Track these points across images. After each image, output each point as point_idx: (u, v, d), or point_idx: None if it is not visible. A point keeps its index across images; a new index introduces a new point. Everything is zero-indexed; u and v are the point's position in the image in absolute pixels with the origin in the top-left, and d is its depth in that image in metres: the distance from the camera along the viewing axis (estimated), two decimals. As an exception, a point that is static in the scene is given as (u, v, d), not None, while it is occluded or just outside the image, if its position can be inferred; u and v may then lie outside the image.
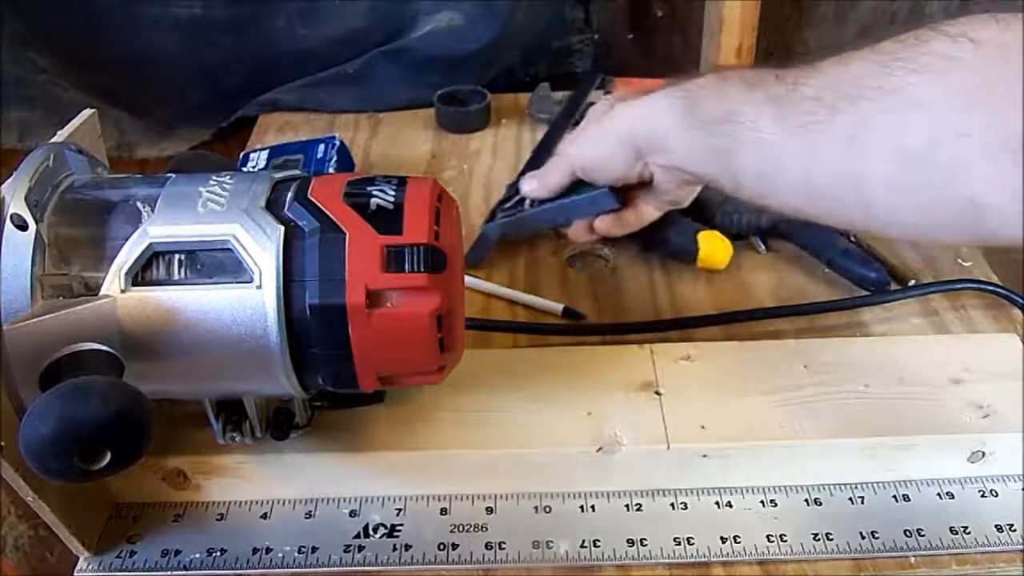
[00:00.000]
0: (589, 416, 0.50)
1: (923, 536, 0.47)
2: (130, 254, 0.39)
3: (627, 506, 0.49)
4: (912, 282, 0.64)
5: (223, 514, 0.50)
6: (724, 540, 0.47)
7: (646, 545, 0.47)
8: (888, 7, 1.04)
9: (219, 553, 0.48)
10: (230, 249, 0.39)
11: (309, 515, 0.49)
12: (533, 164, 0.78)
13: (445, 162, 0.82)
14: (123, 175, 0.46)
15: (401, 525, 0.49)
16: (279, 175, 0.43)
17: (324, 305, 0.39)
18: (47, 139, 0.46)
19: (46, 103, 0.91)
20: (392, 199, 0.41)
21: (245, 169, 0.76)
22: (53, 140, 0.46)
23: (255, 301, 0.39)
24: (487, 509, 0.49)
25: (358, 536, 0.48)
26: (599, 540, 0.47)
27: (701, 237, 0.64)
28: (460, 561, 0.47)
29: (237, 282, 0.39)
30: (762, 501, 0.49)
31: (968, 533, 0.47)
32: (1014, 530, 0.47)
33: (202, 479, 0.49)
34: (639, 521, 0.48)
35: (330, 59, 0.91)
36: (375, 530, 0.48)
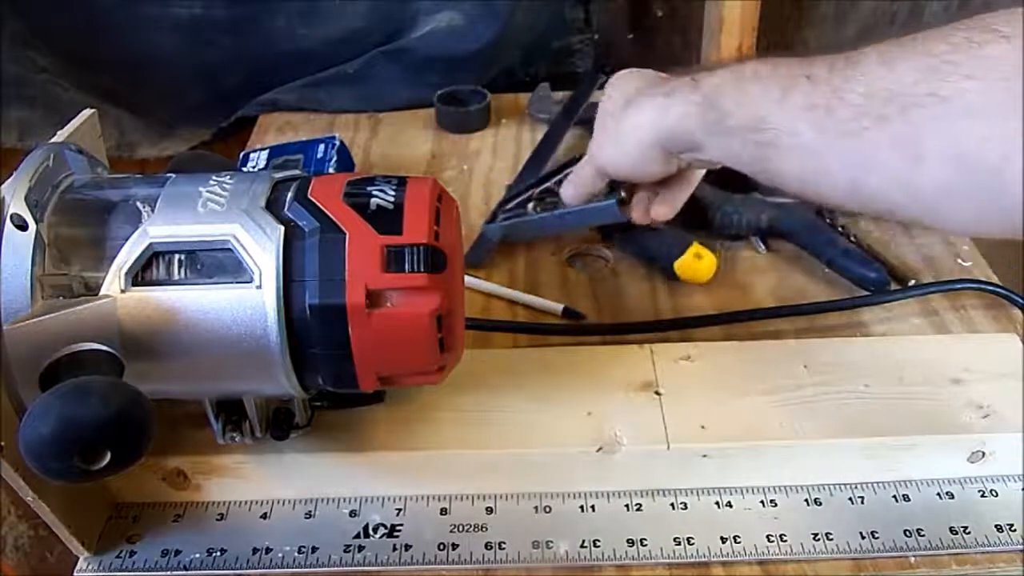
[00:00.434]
0: (589, 416, 0.50)
1: (923, 536, 0.47)
2: (130, 254, 0.39)
3: (627, 506, 0.49)
4: (912, 282, 0.64)
5: (223, 514, 0.50)
6: (724, 540, 0.47)
7: (646, 545, 0.47)
8: (888, 7, 1.04)
9: (219, 553, 0.48)
10: (230, 249, 0.39)
11: (309, 515, 0.49)
12: (533, 164, 0.79)
13: (445, 162, 0.82)
14: (123, 175, 0.46)
15: (401, 525, 0.49)
16: (279, 175, 0.43)
17: (324, 305, 0.39)
18: (47, 139, 0.46)
19: (46, 103, 0.91)
20: (392, 199, 0.41)
21: (245, 169, 0.76)
22: (53, 140, 0.46)
23: (255, 301, 0.39)
24: (487, 509, 0.49)
25: (358, 536, 0.48)
26: (599, 540, 0.47)
27: (677, 265, 0.64)
28: (460, 561, 0.47)
29: (237, 282, 0.39)
30: (762, 501, 0.49)
31: (968, 533, 0.47)
32: (1014, 530, 0.47)
33: (202, 479, 0.49)
34: (639, 521, 0.48)
35: (330, 59, 0.91)
36: (375, 530, 0.48)
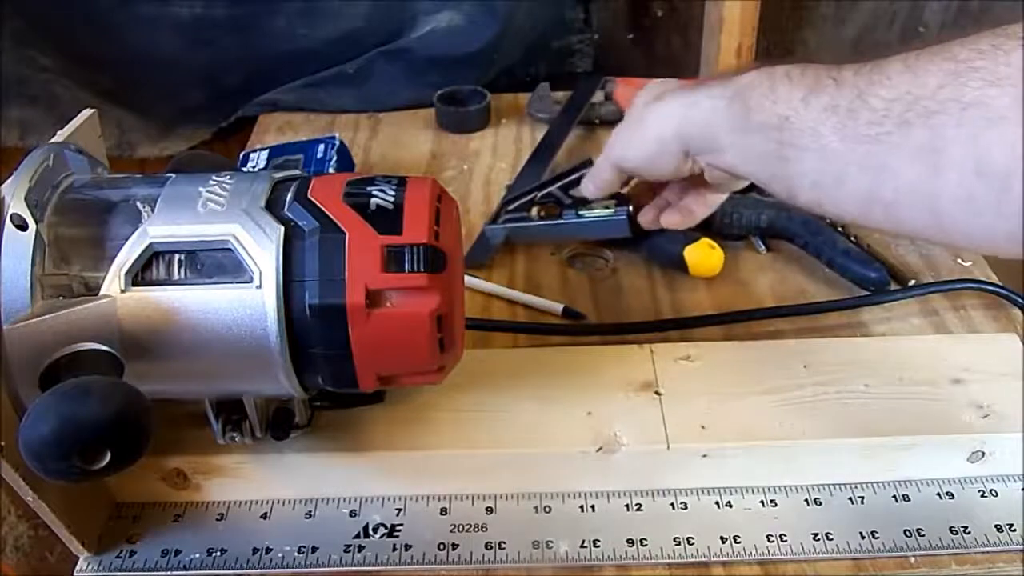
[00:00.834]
0: (589, 416, 0.50)
1: (923, 536, 0.47)
2: (130, 254, 0.39)
3: (627, 506, 0.49)
4: (912, 282, 0.64)
5: (223, 514, 0.50)
6: (724, 540, 0.47)
7: (646, 545, 0.47)
8: (888, 7, 1.04)
9: (219, 553, 0.48)
10: (230, 249, 0.39)
11: (309, 515, 0.49)
12: (533, 164, 0.79)
13: (445, 162, 0.82)
14: (123, 175, 0.46)
15: (401, 525, 0.49)
16: (279, 175, 0.43)
17: (324, 305, 0.39)
18: (48, 138, 0.46)
19: (47, 102, 0.91)
20: (392, 199, 0.41)
21: (245, 169, 0.77)
22: (53, 140, 0.46)
23: (255, 301, 0.39)
24: (487, 509, 0.49)
25: (358, 536, 0.48)
26: (599, 540, 0.47)
27: (688, 251, 0.64)
28: (460, 561, 0.47)
29: (237, 282, 0.39)
30: (762, 501, 0.49)
31: (968, 533, 0.47)
32: (1014, 530, 0.47)
33: (202, 479, 0.49)
34: (639, 521, 0.48)
35: (330, 59, 0.91)
36: (375, 530, 0.48)
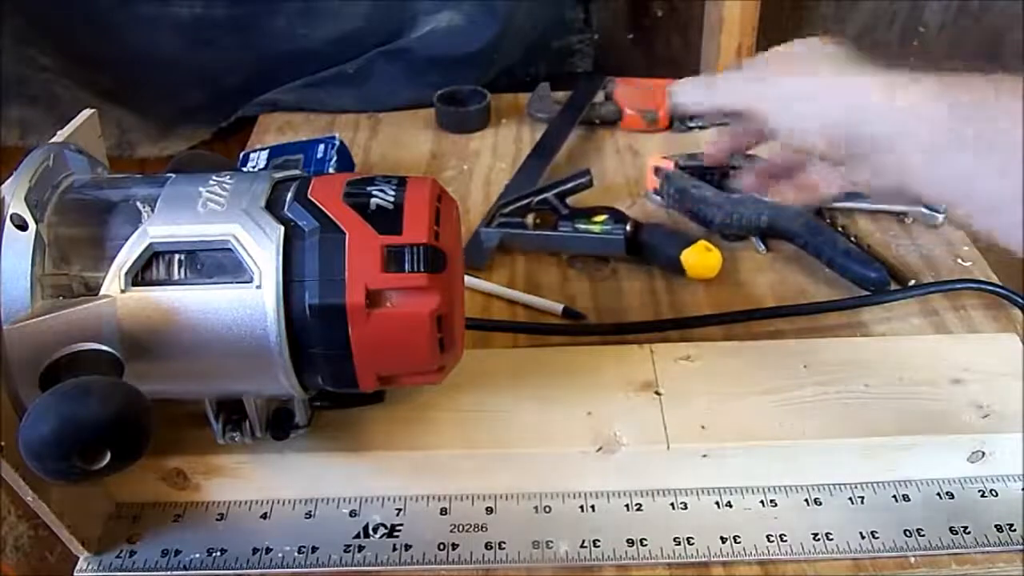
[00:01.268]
0: (589, 416, 0.50)
1: (923, 536, 0.47)
2: (130, 254, 0.39)
3: (627, 506, 0.49)
4: (912, 282, 0.64)
5: (223, 514, 0.50)
6: (724, 540, 0.47)
7: (646, 545, 0.47)
8: (888, 7, 1.04)
9: (219, 553, 0.48)
10: (230, 249, 0.40)
11: (309, 515, 0.49)
12: (532, 163, 0.79)
13: (445, 162, 0.82)
14: (123, 175, 0.46)
15: (401, 525, 0.49)
16: (279, 175, 0.43)
17: (324, 305, 0.39)
18: (48, 137, 0.46)
19: (47, 101, 0.91)
20: (392, 199, 0.41)
21: (245, 169, 0.77)
22: (53, 140, 0.46)
23: (255, 301, 0.39)
24: (487, 509, 0.49)
25: (358, 536, 0.48)
26: (599, 540, 0.47)
27: (685, 254, 0.64)
28: (460, 561, 0.47)
29: (237, 282, 0.39)
30: (762, 501, 0.49)
31: (968, 533, 0.47)
32: (1014, 530, 0.47)
33: (202, 479, 0.49)
34: (639, 521, 0.48)
35: (330, 59, 0.91)
36: (375, 530, 0.48)
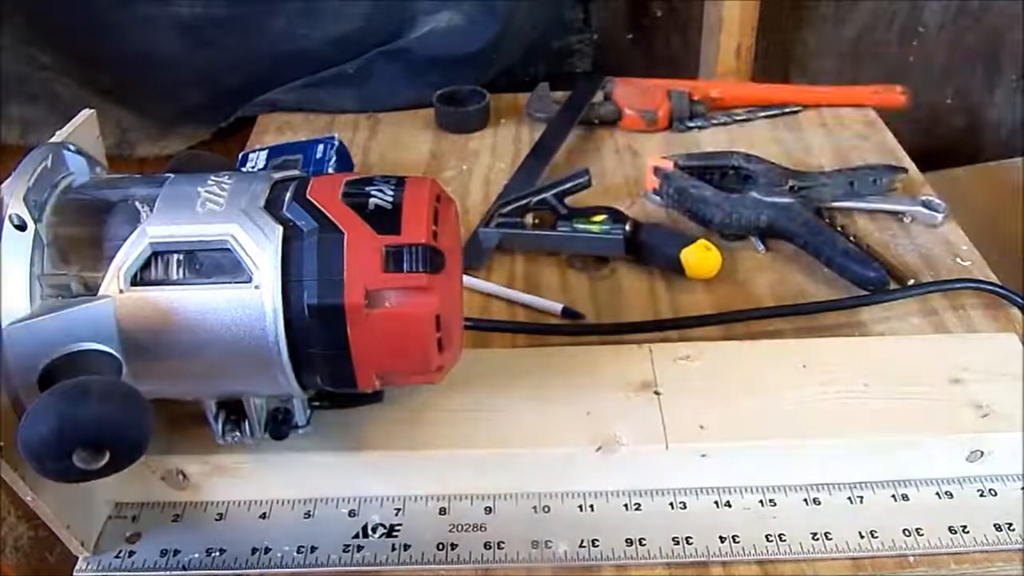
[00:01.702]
0: (588, 416, 0.50)
1: (922, 535, 0.47)
2: (129, 254, 0.39)
3: (626, 506, 0.49)
4: (911, 282, 0.64)
5: (222, 514, 0.50)
6: (723, 540, 0.47)
7: (645, 545, 0.47)
8: (888, 7, 1.04)
9: (218, 553, 0.48)
10: (229, 249, 0.40)
11: (308, 515, 0.49)
12: (531, 163, 0.79)
13: (444, 162, 0.82)
14: (122, 175, 0.46)
15: (400, 525, 0.49)
16: (278, 175, 0.43)
17: (323, 305, 0.39)
18: (48, 136, 0.46)
19: (48, 100, 0.91)
20: (391, 199, 0.41)
21: (244, 169, 0.77)
22: (52, 140, 0.46)
23: (254, 301, 0.39)
24: (486, 509, 0.49)
25: (357, 536, 0.48)
26: (598, 540, 0.47)
27: (684, 254, 0.64)
28: (459, 561, 0.47)
29: (236, 282, 0.39)
30: (761, 501, 0.49)
31: (967, 532, 0.47)
32: (1013, 529, 0.47)
33: (201, 479, 0.49)
34: (638, 521, 0.48)
35: (330, 59, 0.91)
36: (374, 530, 0.48)
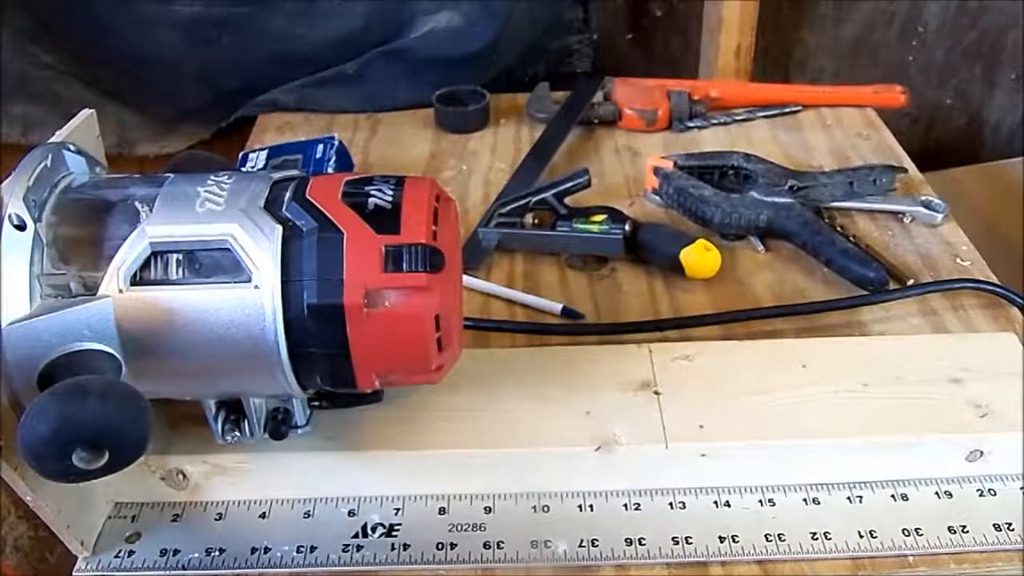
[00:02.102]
0: (588, 415, 0.50)
1: (921, 535, 0.47)
2: (128, 254, 0.39)
3: (625, 505, 0.49)
4: (911, 282, 0.64)
5: (222, 514, 0.50)
6: (722, 539, 0.47)
7: (644, 544, 0.47)
8: (887, 7, 1.04)
9: (218, 553, 0.48)
10: (228, 249, 0.40)
11: (308, 515, 0.49)
12: (531, 163, 0.79)
13: (444, 162, 0.82)
14: (121, 175, 0.46)
15: (400, 525, 0.49)
16: (277, 175, 0.43)
17: (322, 305, 0.39)
18: (50, 134, 0.46)
19: (49, 98, 0.91)
20: (390, 199, 0.41)
21: (244, 169, 0.77)
22: (51, 140, 0.46)
23: (253, 301, 0.39)
24: (486, 509, 0.49)
25: (356, 536, 0.48)
26: (597, 539, 0.47)
27: (684, 253, 0.64)
28: (459, 561, 0.47)
29: (235, 282, 0.39)
30: (760, 500, 0.49)
31: (966, 532, 0.47)
32: (1012, 529, 0.47)
33: (201, 479, 0.49)
34: (637, 520, 0.48)
35: (330, 59, 0.91)
36: (373, 530, 0.48)
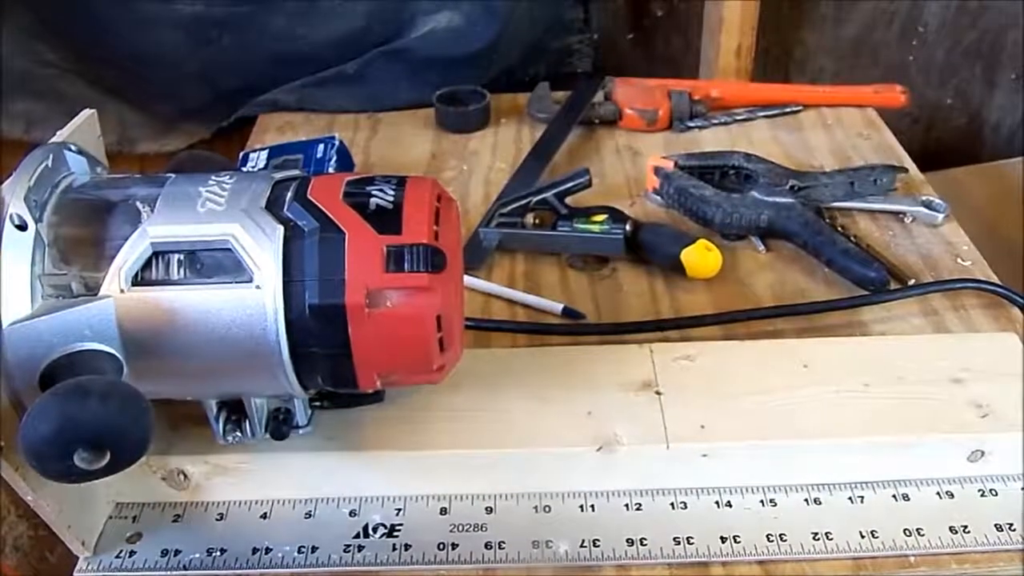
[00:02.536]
0: (589, 416, 0.50)
1: (922, 535, 0.47)
2: (130, 254, 0.39)
3: (627, 506, 0.49)
4: (912, 281, 0.64)
5: (223, 514, 0.50)
6: (724, 540, 0.47)
7: (646, 545, 0.47)
8: (887, 7, 1.04)
9: (219, 553, 0.47)
10: (229, 249, 0.39)
11: (309, 515, 0.49)
12: (531, 163, 0.79)
13: (445, 162, 0.82)
14: (122, 175, 0.46)
15: (401, 525, 0.49)
16: (279, 175, 0.43)
17: (324, 305, 0.39)
18: (52, 131, 0.46)
19: (51, 95, 0.91)
20: (391, 199, 0.41)
21: (245, 169, 0.77)
22: (53, 140, 0.46)
23: (255, 301, 0.39)
24: (487, 509, 0.49)
25: (358, 536, 0.48)
26: (599, 540, 0.47)
27: (685, 253, 0.64)
28: (460, 561, 0.47)
29: (236, 282, 0.39)
30: (761, 500, 0.49)
31: (968, 532, 0.47)
32: (1013, 529, 0.47)
33: (202, 479, 0.49)
34: (639, 521, 0.48)
35: (330, 59, 0.91)
36: (375, 530, 0.48)
